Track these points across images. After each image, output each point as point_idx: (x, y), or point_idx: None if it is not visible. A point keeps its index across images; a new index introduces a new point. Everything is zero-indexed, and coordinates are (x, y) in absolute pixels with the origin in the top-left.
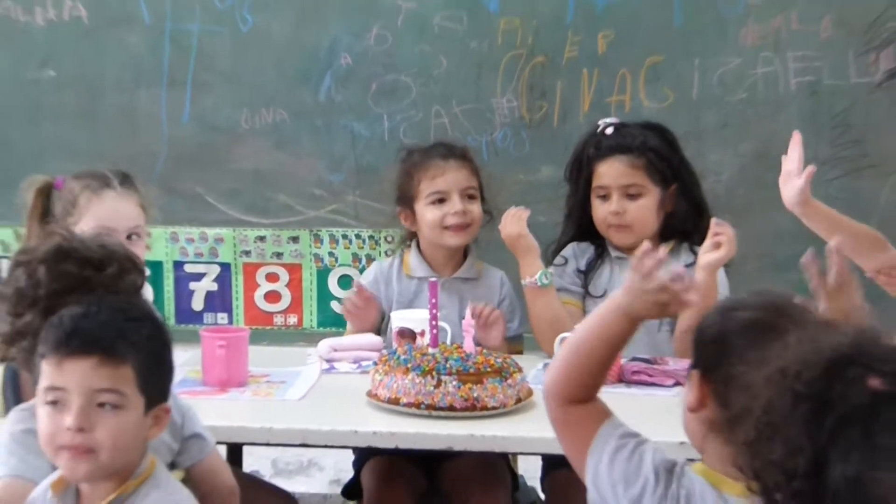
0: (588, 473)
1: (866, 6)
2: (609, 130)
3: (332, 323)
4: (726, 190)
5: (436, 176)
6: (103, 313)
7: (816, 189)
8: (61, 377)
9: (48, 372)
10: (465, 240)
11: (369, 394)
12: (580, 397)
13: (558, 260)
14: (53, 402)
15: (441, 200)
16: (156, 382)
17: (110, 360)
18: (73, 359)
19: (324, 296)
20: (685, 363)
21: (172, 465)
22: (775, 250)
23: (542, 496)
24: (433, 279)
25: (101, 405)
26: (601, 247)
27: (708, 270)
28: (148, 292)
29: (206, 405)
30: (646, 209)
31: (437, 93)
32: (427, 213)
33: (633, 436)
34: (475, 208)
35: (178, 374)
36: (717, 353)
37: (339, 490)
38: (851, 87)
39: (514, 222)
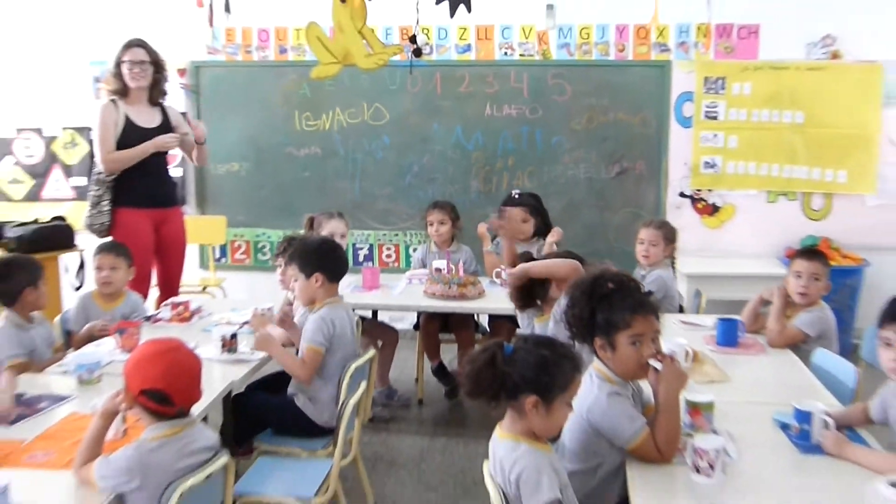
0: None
1: (609, 150)
2: (516, 195)
3: (410, 266)
4: (559, 217)
5: (430, 213)
6: (296, 244)
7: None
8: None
9: None
10: (439, 241)
11: (424, 292)
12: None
13: (493, 242)
14: None
15: (432, 224)
16: (305, 266)
17: (291, 263)
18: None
19: (407, 256)
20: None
21: None
22: (578, 243)
23: (489, 330)
24: (448, 251)
25: (296, 280)
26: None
27: (549, 246)
28: (346, 257)
29: (365, 296)
30: (529, 227)
31: (448, 182)
32: (428, 229)
33: None
34: (444, 228)
35: (351, 285)
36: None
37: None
38: (603, 179)
39: (482, 229)
